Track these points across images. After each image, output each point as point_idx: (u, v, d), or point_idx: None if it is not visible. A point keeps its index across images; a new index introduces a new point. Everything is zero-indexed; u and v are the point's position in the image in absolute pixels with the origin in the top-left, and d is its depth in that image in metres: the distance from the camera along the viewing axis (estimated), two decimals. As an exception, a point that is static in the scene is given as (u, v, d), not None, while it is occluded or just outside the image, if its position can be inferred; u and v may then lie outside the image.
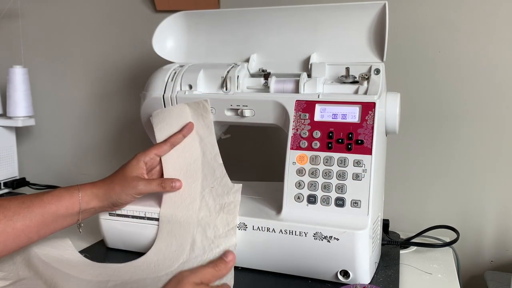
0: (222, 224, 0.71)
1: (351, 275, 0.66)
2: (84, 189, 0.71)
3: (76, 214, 0.70)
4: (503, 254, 0.96)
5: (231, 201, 0.73)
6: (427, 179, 0.99)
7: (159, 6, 1.12)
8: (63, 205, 0.68)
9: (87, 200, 0.70)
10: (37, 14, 1.27)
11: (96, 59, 1.23)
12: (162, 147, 0.77)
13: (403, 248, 0.85)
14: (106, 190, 0.72)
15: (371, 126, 0.69)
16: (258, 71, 0.82)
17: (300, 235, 0.67)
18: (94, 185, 0.72)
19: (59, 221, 0.68)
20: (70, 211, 0.69)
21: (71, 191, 0.70)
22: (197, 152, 0.78)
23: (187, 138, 0.78)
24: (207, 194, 0.75)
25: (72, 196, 0.69)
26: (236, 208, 0.72)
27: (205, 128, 0.78)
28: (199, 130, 0.79)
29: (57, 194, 0.69)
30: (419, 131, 0.98)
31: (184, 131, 0.78)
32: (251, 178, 0.91)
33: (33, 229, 0.66)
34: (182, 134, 0.78)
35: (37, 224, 0.66)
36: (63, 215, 0.68)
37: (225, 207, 0.72)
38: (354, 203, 0.67)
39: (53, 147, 1.31)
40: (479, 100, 0.94)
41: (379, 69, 0.74)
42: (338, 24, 0.79)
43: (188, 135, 0.78)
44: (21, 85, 1.15)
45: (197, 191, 0.75)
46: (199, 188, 0.75)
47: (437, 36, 0.95)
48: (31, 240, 0.67)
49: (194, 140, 0.78)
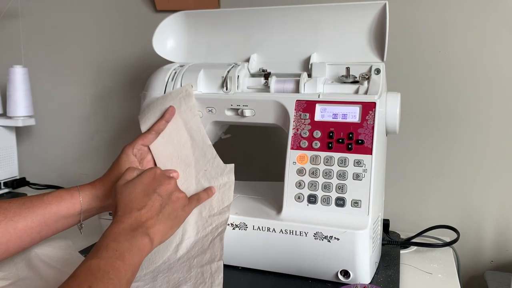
0: (218, 204, 0.72)
1: (352, 275, 0.66)
2: (84, 190, 0.70)
3: (77, 215, 0.70)
4: (503, 254, 0.96)
5: (225, 182, 0.73)
6: (427, 179, 0.99)
7: (159, 6, 1.12)
8: (64, 206, 0.68)
9: (88, 201, 0.70)
10: (37, 14, 1.27)
11: (96, 59, 1.23)
12: (147, 136, 0.76)
13: (403, 248, 0.85)
14: (106, 190, 0.71)
15: (372, 126, 0.69)
16: (258, 71, 0.82)
17: (301, 235, 0.67)
18: (93, 186, 0.71)
19: (60, 222, 0.68)
20: (71, 211, 0.68)
21: (71, 192, 0.69)
22: (184, 136, 0.77)
23: (171, 124, 0.77)
24: (202, 178, 0.74)
25: (73, 197, 0.69)
26: (231, 188, 0.72)
27: (187, 111, 0.77)
28: (182, 114, 0.78)
29: (57, 195, 0.69)
30: (419, 131, 0.98)
31: (166, 116, 0.76)
32: (251, 178, 0.91)
33: (35, 230, 0.65)
34: (164, 120, 0.76)
35: (38, 224, 0.65)
36: (65, 216, 0.68)
37: (221, 189, 0.73)
38: (355, 203, 0.67)
39: (53, 147, 1.31)
40: (479, 100, 0.94)
41: (379, 69, 0.74)
42: (338, 24, 0.79)
43: (170, 119, 0.77)
44: (21, 85, 1.15)
45: (192, 176, 0.75)
46: (193, 172, 0.75)
47: (437, 36, 0.95)
48: (34, 241, 0.67)
49: (179, 125, 0.77)
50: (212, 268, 0.65)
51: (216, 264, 0.65)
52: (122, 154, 0.74)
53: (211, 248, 0.68)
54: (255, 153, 1.11)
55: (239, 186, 0.87)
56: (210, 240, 0.69)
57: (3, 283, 0.66)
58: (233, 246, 0.72)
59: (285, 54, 0.83)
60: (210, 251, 0.68)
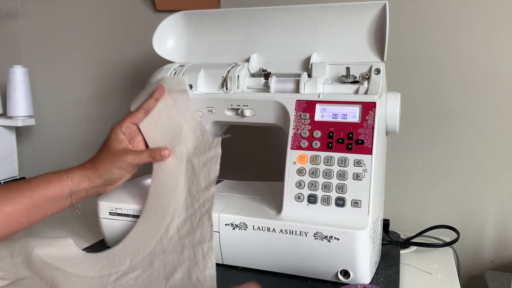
0: (204, 179, 0.72)
1: (352, 275, 0.66)
2: (72, 171, 0.70)
3: (67, 197, 0.69)
4: (503, 254, 0.96)
5: (212, 156, 0.73)
6: (427, 179, 0.99)
7: (159, 6, 1.12)
8: (52, 188, 0.67)
9: (77, 182, 0.69)
10: (37, 14, 1.27)
11: (96, 59, 1.23)
12: (136, 115, 0.75)
13: (403, 248, 0.85)
14: (96, 169, 0.71)
15: (372, 126, 0.69)
16: (258, 71, 0.82)
17: (301, 235, 0.67)
18: (82, 167, 0.71)
19: (49, 205, 0.68)
20: (59, 193, 0.68)
21: (59, 174, 0.69)
22: (173, 113, 0.77)
23: (161, 102, 0.77)
24: (192, 155, 0.74)
25: (61, 179, 0.69)
26: (217, 161, 0.72)
27: (177, 91, 0.77)
28: (171, 92, 0.77)
29: (45, 178, 0.68)
30: (420, 131, 0.98)
31: (155, 94, 0.76)
32: (251, 178, 0.91)
33: (23, 213, 0.65)
34: (153, 98, 0.76)
35: (26, 208, 0.65)
36: (53, 198, 0.68)
37: (208, 162, 0.72)
38: (355, 203, 0.67)
39: (53, 147, 1.31)
40: (479, 99, 0.94)
41: (379, 69, 0.74)
42: (338, 24, 0.79)
43: (160, 98, 0.76)
44: (21, 85, 1.15)
45: (183, 154, 0.75)
46: (184, 150, 0.75)
47: (437, 36, 0.95)
48: (22, 224, 0.66)
49: (168, 103, 0.77)
50: (204, 249, 0.66)
51: (207, 245, 0.66)
52: (111, 133, 0.74)
53: (200, 227, 0.68)
54: (255, 153, 1.11)
55: (239, 186, 0.87)
56: (199, 218, 0.69)
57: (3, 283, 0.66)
58: (233, 246, 0.72)
59: (285, 54, 0.83)
60: (200, 229, 0.68)
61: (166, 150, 0.74)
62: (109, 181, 0.73)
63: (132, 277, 0.67)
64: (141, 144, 0.77)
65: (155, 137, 0.76)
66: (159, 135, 0.76)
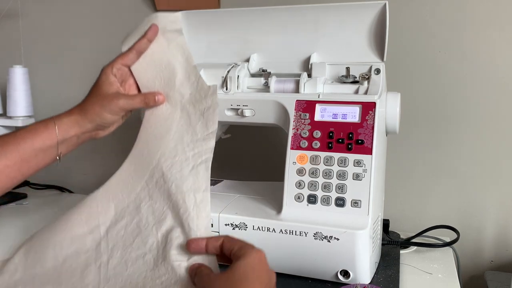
0: (201, 129, 0.67)
1: (351, 275, 0.66)
2: (59, 118, 0.67)
3: (56, 146, 0.66)
4: (503, 254, 0.96)
5: (209, 105, 0.68)
6: (427, 179, 0.99)
7: (159, 6, 1.12)
8: (39, 139, 0.64)
9: (66, 129, 0.66)
10: (37, 14, 1.27)
11: (96, 59, 1.23)
12: (127, 55, 0.70)
13: (403, 248, 0.85)
14: (85, 114, 0.67)
15: (372, 126, 0.69)
16: (258, 71, 0.82)
17: (300, 235, 0.67)
18: (70, 112, 0.68)
19: (39, 156, 0.65)
20: (48, 143, 0.65)
21: (46, 123, 0.66)
22: (168, 57, 0.71)
23: (154, 44, 0.71)
24: (187, 102, 0.70)
25: (48, 128, 0.65)
26: (215, 112, 0.67)
27: (172, 31, 0.73)
28: (165, 33, 0.72)
29: (31, 128, 0.65)
30: (420, 131, 0.98)
31: (148, 34, 0.70)
32: (251, 178, 0.91)
33: (13, 168, 0.63)
34: (146, 39, 0.70)
35: (16, 162, 0.63)
36: (42, 149, 0.65)
37: (205, 112, 0.68)
38: (355, 203, 0.67)
39: (53, 147, 1.31)
40: (479, 100, 0.94)
41: (379, 69, 0.74)
42: (338, 24, 0.79)
43: (153, 38, 0.71)
44: (21, 85, 1.15)
45: (177, 100, 0.70)
46: (177, 96, 0.70)
47: (437, 36, 0.95)
48: (16, 179, 0.64)
49: (162, 45, 0.72)
50: (197, 198, 0.61)
51: (202, 195, 0.61)
52: (101, 75, 0.70)
53: (193, 175, 0.63)
54: (255, 153, 1.11)
55: (239, 186, 0.87)
56: (192, 166, 0.64)
57: None
58: (233, 246, 0.71)
59: (285, 54, 0.83)
60: (193, 178, 0.63)
61: (160, 95, 0.69)
62: (100, 126, 0.69)
63: (121, 226, 0.64)
64: (132, 88, 0.72)
65: (148, 81, 0.72)
66: (152, 79, 0.71)
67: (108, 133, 0.72)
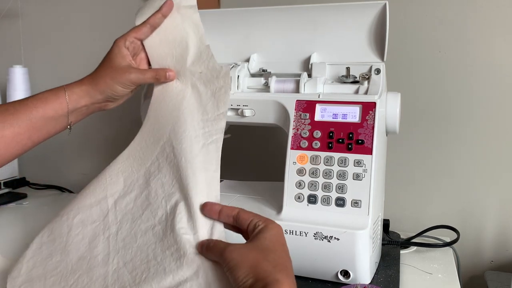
0: (212, 109, 0.66)
1: (352, 275, 0.66)
2: (70, 87, 0.67)
3: (67, 115, 0.66)
4: (503, 254, 0.96)
5: (221, 86, 0.67)
6: (427, 179, 0.99)
7: (159, 6, 1.12)
8: (50, 107, 0.65)
9: (76, 99, 0.66)
10: (37, 14, 1.27)
11: (97, 59, 1.23)
12: (141, 29, 0.70)
13: (403, 248, 0.85)
14: (96, 85, 0.67)
15: (372, 126, 0.69)
16: (258, 71, 0.82)
17: (301, 235, 0.67)
18: (81, 82, 0.68)
19: (50, 124, 0.66)
20: (59, 112, 0.65)
21: (56, 92, 0.66)
22: (181, 33, 0.71)
23: (168, 19, 0.71)
24: (198, 80, 0.69)
25: (59, 97, 0.65)
26: (227, 93, 0.67)
27: (187, 8, 0.71)
28: (180, 9, 0.71)
29: (42, 96, 0.66)
30: (420, 131, 0.98)
31: (163, 9, 0.70)
32: (251, 178, 0.91)
33: (24, 135, 0.63)
34: (161, 14, 0.70)
35: (26, 129, 0.63)
36: (53, 117, 0.65)
37: (216, 93, 0.67)
38: (355, 203, 0.67)
39: (53, 147, 1.31)
40: (479, 99, 0.94)
41: (379, 69, 0.74)
42: (338, 24, 0.79)
43: (168, 14, 0.70)
44: (21, 85, 1.15)
45: (188, 77, 0.69)
46: (188, 74, 0.70)
47: (437, 36, 0.95)
48: (26, 146, 0.65)
49: (176, 21, 0.71)
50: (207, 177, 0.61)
51: (211, 175, 0.61)
52: (114, 47, 0.69)
53: (203, 154, 0.63)
54: (255, 153, 1.11)
55: (239, 186, 0.87)
56: (202, 144, 0.64)
57: None
58: (233, 246, 0.71)
59: (285, 54, 0.83)
60: (203, 156, 0.62)
61: (171, 71, 0.69)
62: (110, 98, 0.69)
63: (130, 199, 0.64)
64: (143, 62, 0.72)
65: (159, 57, 0.71)
66: (164, 55, 0.71)
67: (117, 105, 0.72)
